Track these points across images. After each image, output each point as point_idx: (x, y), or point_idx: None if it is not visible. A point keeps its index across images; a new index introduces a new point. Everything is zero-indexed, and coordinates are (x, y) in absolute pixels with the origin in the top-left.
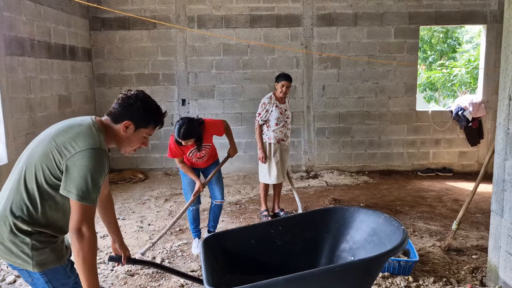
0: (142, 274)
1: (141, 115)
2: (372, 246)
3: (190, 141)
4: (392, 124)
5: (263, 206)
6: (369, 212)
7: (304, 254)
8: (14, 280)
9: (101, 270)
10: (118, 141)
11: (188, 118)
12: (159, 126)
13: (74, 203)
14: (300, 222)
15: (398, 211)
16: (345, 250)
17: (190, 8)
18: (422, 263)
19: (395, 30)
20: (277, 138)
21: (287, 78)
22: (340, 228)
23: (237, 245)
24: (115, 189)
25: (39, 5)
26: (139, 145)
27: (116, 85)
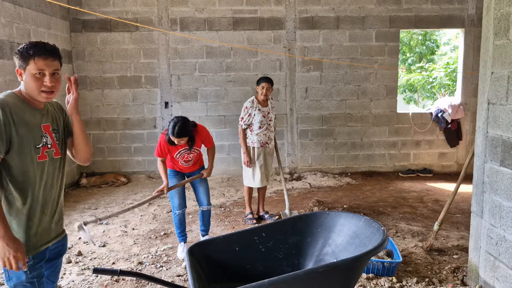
0: (128, 280)
1: (19, 56)
2: (354, 248)
3: (183, 140)
4: (374, 126)
5: (247, 209)
6: (349, 216)
7: (288, 259)
8: None
9: (85, 277)
10: (26, 91)
11: (183, 117)
12: (36, 54)
13: None
14: (282, 228)
15: (380, 212)
16: (328, 254)
17: (172, 11)
18: (405, 263)
19: (376, 33)
20: (261, 142)
21: (267, 80)
22: (322, 232)
23: (221, 253)
24: (97, 193)
25: (19, 6)
26: (38, 84)
27: (97, 88)
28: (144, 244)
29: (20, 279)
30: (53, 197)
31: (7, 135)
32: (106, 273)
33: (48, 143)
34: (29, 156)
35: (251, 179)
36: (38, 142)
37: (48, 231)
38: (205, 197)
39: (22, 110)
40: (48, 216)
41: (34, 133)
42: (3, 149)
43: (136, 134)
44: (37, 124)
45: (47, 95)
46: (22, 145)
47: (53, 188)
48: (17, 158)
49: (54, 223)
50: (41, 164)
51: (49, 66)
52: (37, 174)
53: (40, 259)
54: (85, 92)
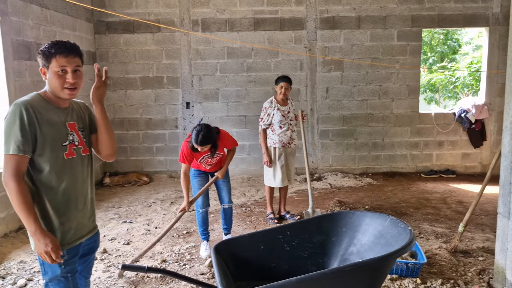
0: (152, 277)
1: (42, 56)
2: (379, 248)
3: (206, 147)
4: (395, 126)
5: (269, 208)
6: (375, 215)
7: (312, 258)
8: (25, 284)
9: (110, 273)
10: (51, 89)
11: (206, 125)
12: (58, 52)
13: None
14: (307, 227)
15: (403, 213)
16: (353, 253)
17: (194, 12)
18: (430, 265)
19: (398, 33)
20: (282, 142)
21: (286, 79)
22: (347, 232)
23: (246, 251)
24: (120, 192)
25: (46, 9)
26: (60, 81)
27: (120, 88)
28: (167, 242)
29: (55, 273)
30: (84, 193)
31: (32, 135)
32: (134, 269)
33: (75, 140)
34: (56, 154)
35: (272, 179)
36: (64, 140)
37: (81, 226)
38: (226, 195)
39: (46, 110)
40: (81, 211)
41: (59, 131)
42: (29, 149)
43: (158, 134)
44: (62, 122)
45: (70, 92)
46: (48, 144)
47: (84, 184)
48: (44, 156)
49: (87, 219)
50: (69, 161)
51: (70, 63)
52: (66, 171)
53: (74, 254)
54: (108, 93)
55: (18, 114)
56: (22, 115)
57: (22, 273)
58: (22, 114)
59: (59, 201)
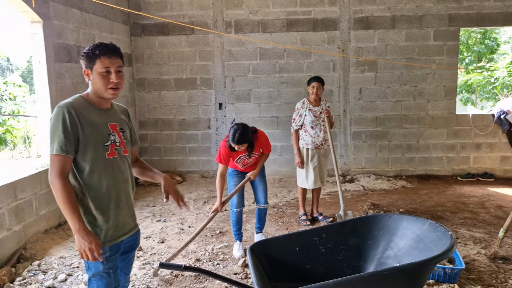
0: (187, 276)
1: (85, 58)
2: (418, 252)
3: (243, 147)
4: (431, 128)
5: (301, 210)
6: (412, 219)
7: (348, 261)
8: (65, 279)
9: (146, 271)
10: (94, 90)
11: (243, 124)
12: (102, 53)
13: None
14: (343, 229)
15: (439, 217)
16: (389, 257)
17: (227, 13)
18: (468, 271)
19: (434, 32)
20: (315, 144)
21: (317, 80)
22: (383, 235)
23: (281, 252)
24: (154, 191)
25: (85, 13)
26: (105, 81)
27: (155, 89)
28: (200, 241)
29: (98, 269)
30: (125, 191)
31: (74, 136)
32: (171, 267)
33: (116, 141)
34: (98, 154)
35: (305, 180)
36: (106, 140)
37: (123, 224)
38: (263, 195)
39: (88, 111)
40: (122, 210)
41: (101, 132)
42: (72, 149)
43: (191, 135)
44: (104, 123)
45: (113, 91)
46: (91, 144)
47: (125, 183)
48: (87, 156)
49: (128, 217)
50: (111, 160)
51: (113, 64)
52: (108, 170)
53: (116, 251)
54: (143, 94)
55: (61, 116)
56: (64, 117)
57: (62, 268)
58: (64, 116)
59: (101, 199)
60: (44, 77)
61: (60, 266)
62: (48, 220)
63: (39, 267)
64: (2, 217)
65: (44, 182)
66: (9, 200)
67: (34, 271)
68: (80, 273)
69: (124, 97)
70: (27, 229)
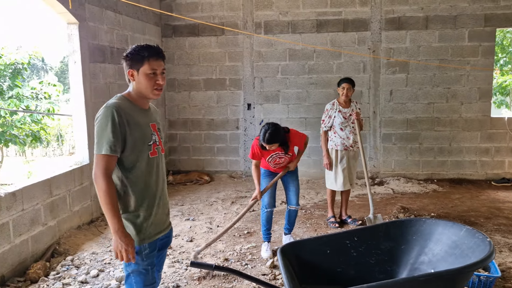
0: (216, 275)
1: (132, 59)
2: (454, 259)
3: (274, 146)
4: (464, 131)
5: (330, 212)
6: (448, 224)
7: (380, 265)
8: (97, 274)
9: (175, 269)
10: (138, 91)
11: (274, 124)
12: (151, 55)
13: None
14: (375, 233)
15: (472, 223)
16: (424, 263)
17: (257, 14)
18: (504, 279)
19: (469, 33)
20: (344, 145)
21: (348, 81)
22: (417, 240)
23: (312, 254)
24: (183, 190)
25: (119, 14)
26: (151, 82)
27: (185, 90)
28: (228, 241)
29: (137, 265)
30: (164, 189)
31: (122, 135)
32: (202, 266)
33: (156, 140)
34: (142, 154)
35: (334, 182)
36: (149, 140)
37: (160, 222)
38: (294, 196)
39: (133, 111)
40: (160, 208)
41: (145, 132)
42: (119, 149)
43: (220, 135)
44: (147, 123)
45: (158, 92)
46: (136, 144)
47: (164, 181)
48: (131, 156)
49: (165, 215)
50: (152, 160)
51: (159, 66)
52: (151, 169)
53: (154, 248)
54: (173, 94)
55: (110, 116)
56: (114, 117)
57: (94, 264)
58: (113, 115)
59: (144, 198)
60: (79, 77)
61: (92, 261)
62: (81, 216)
63: (72, 262)
64: (38, 213)
65: (77, 179)
66: (45, 196)
67: (68, 266)
68: (111, 269)
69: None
70: (61, 224)
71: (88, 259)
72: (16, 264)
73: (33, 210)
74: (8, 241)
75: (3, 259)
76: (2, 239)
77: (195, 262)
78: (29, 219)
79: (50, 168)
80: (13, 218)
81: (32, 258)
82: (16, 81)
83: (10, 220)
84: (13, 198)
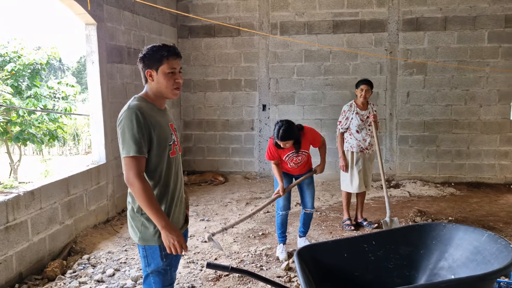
0: (231, 277)
1: (150, 59)
2: (475, 265)
3: (288, 143)
4: (482, 133)
5: (345, 214)
6: (469, 229)
7: (398, 270)
8: (113, 273)
9: (190, 270)
10: (157, 91)
11: (287, 121)
12: (170, 54)
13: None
14: (394, 237)
15: (491, 227)
16: (443, 268)
17: (273, 15)
18: None
19: (489, 34)
20: (360, 147)
21: (366, 82)
22: (437, 245)
23: (329, 258)
24: (197, 191)
25: (136, 15)
26: (171, 81)
27: (200, 90)
28: (243, 242)
29: (157, 265)
30: (182, 189)
31: (147, 137)
32: (218, 268)
33: (175, 140)
34: (164, 153)
35: (349, 184)
36: (169, 140)
37: (178, 221)
38: (310, 199)
39: (154, 112)
40: (179, 207)
41: (166, 132)
42: (146, 150)
43: (234, 136)
44: (166, 123)
45: (177, 91)
46: (159, 144)
47: (182, 180)
48: (155, 157)
49: (182, 214)
50: (172, 159)
51: (178, 65)
52: (171, 169)
53: None
54: (189, 95)
55: (135, 118)
56: (138, 119)
57: (110, 263)
58: (138, 117)
59: (165, 197)
60: (96, 77)
61: (108, 260)
62: (97, 216)
63: (88, 261)
64: (56, 211)
65: (94, 179)
66: (62, 195)
67: (84, 264)
68: (127, 268)
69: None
70: (78, 223)
71: (104, 258)
72: (34, 262)
73: (50, 208)
74: (26, 239)
75: (22, 257)
76: (21, 237)
77: (211, 263)
78: (47, 217)
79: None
80: (32, 217)
81: (49, 256)
82: (35, 81)
83: (28, 219)
84: (31, 197)
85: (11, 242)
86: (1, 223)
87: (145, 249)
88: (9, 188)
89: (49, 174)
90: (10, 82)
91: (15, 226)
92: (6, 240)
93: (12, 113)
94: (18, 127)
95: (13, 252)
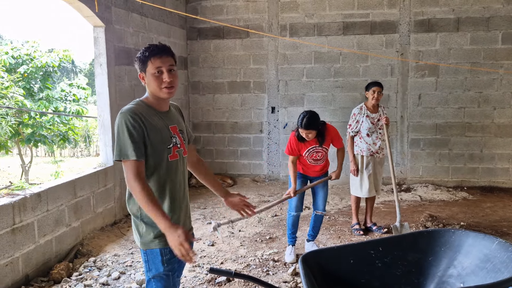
0: (237, 281)
1: (139, 62)
2: (485, 273)
3: (312, 134)
4: (496, 137)
5: (354, 219)
6: (479, 236)
7: (406, 277)
8: (118, 276)
9: (196, 274)
10: (152, 92)
11: (311, 111)
12: (152, 54)
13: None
14: (402, 243)
15: (504, 233)
16: (452, 276)
17: (282, 17)
18: None
19: (503, 35)
20: (370, 151)
21: (378, 84)
22: (446, 252)
23: (335, 264)
24: (205, 193)
25: (144, 17)
26: (158, 81)
27: (209, 93)
28: (250, 246)
29: (158, 270)
30: (185, 193)
31: (141, 140)
32: (221, 273)
33: (178, 143)
34: (162, 157)
35: (359, 188)
36: (168, 143)
37: (185, 225)
38: (322, 202)
39: (150, 115)
40: (182, 211)
41: (164, 135)
42: (143, 153)
43: (243, 138)
44: (165, 126)
45: (168, 90)
46: (155, 147)
47: (185, 184)
48: (151, 160)
49: (186, 218)
50: (172, 163)
51: (165, 63)
52: (171, 172)
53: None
54: (197, 97)
55: (127, 122)
56: (130, 122)
57: (116, 266)
58: (129, 121)
59: (164, 201)
60: (104, 80)
61: (114, 263)
62: (104, 218)
63: (94, 264)
64: (62, 213)
65: (101, 181)
66: (69, 197)
67: (90, 267)
68: (132, 272)
69: (179, 99)
70: (85, 226)
71: (110, 261)
72: (40, 264)
73: (57, 210)
74: (33, 241)
75: (28, 259)
76: (27, 239)
77: (214, 268)
78: (54, 219)
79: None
80: (38, 219)
81: (55, 258)
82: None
83: (35, 220)
84: (38, 199)
85: (18, 244)
86: (8, 225)
87: (146, 254)
88: (18, 190)
89: (59, 176)
90: (22, 84)
91: (21, 228)
92: (12, 242)
93: (24, 115)
94: (30, 128)
95: (20, 254)
